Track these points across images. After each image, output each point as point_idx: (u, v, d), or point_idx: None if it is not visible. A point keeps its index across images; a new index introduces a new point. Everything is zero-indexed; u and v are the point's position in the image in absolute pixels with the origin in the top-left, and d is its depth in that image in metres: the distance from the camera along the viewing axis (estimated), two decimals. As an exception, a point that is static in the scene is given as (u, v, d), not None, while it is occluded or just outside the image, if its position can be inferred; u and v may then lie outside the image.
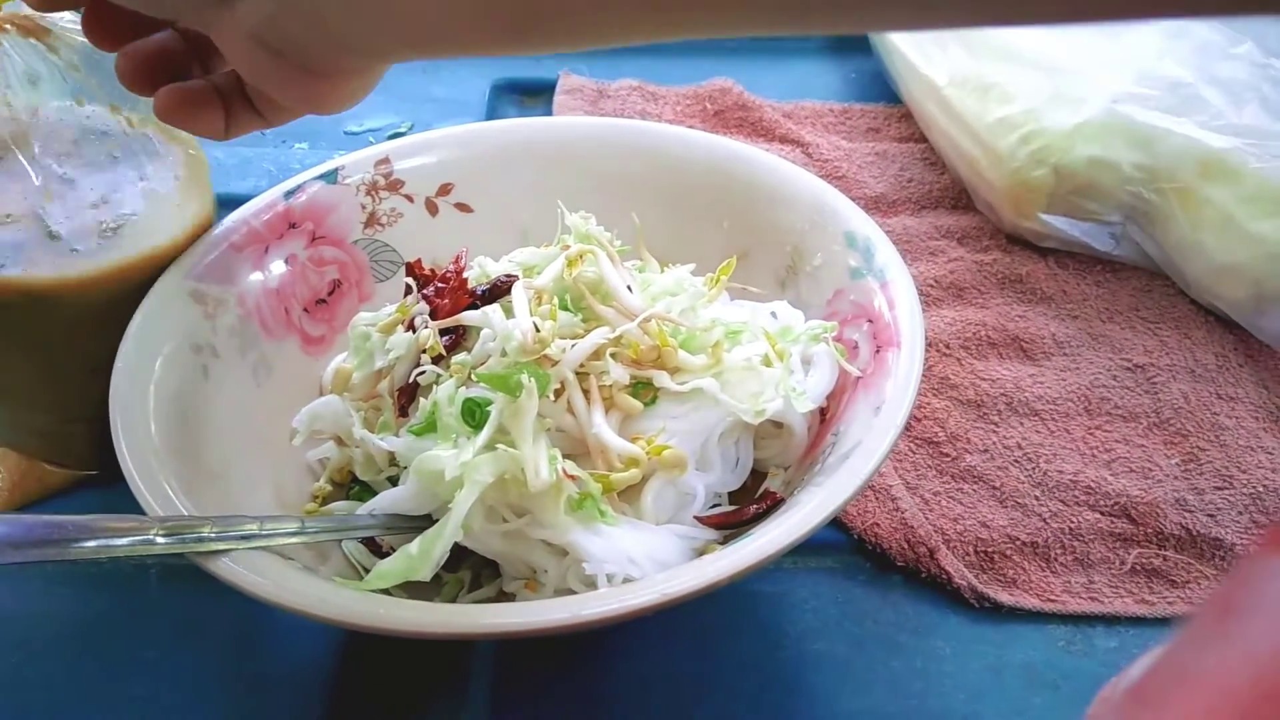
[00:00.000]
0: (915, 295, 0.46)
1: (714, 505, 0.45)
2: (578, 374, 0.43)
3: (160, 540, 0.36)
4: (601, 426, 0.43)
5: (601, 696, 0.44)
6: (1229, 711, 0.18)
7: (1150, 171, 0.60)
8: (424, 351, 0.46)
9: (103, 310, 0.45)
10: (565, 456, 0.42)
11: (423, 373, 0.45)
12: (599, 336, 0.44)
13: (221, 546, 0.37)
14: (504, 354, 0.43)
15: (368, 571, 0.43)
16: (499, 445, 0.40)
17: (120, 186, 0.47)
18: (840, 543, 0.49)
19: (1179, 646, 0.22)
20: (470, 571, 0.45)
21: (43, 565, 0.46)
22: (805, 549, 0.37)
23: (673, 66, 0.84)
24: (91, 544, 0.36)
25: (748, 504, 0.44)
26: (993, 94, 0.65)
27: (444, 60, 0.86)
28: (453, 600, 0.44)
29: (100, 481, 0.51)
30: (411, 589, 0.41)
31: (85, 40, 0.45)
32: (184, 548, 0.36)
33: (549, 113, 0.78)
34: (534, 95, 0.82)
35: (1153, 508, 0.49)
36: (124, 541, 0.36)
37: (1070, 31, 0.66)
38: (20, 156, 0.45)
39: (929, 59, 0.71)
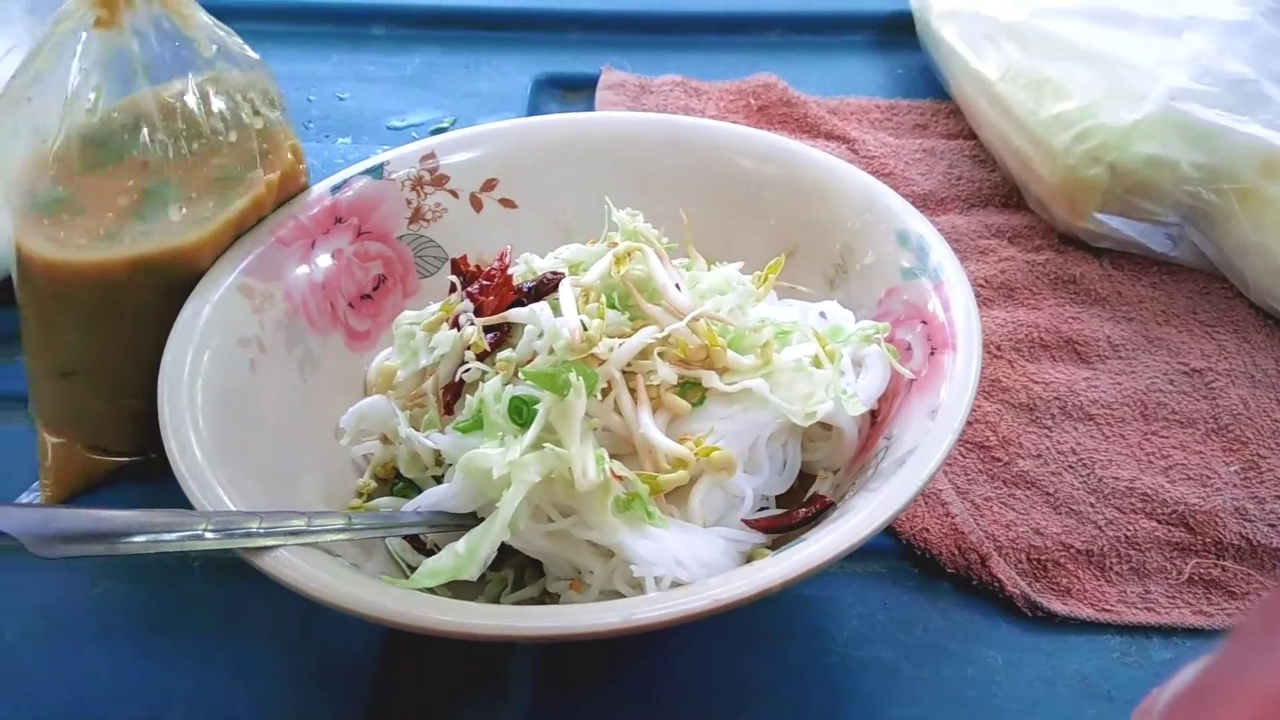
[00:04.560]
0: (971, 296, 0.45)
1: (762, 508, 0.45)
2: (625, 373, 0.43)
3: (209, 535, 0.36)
4: (649, 427, 0.42)
5: (644, 698, 0.43)
6: None
7: (1210, 171, 0.58)
8: (468, 348, 0.45)
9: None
10: (612, 456, 0.41)
11: (468, 370, 0.45)
12: (647, 335, 0.43)
13: (270, 542, 0.36)
14: (551, 352, 0.42)
15: (411, 568, 0.43)
16: (546, 444, 0.40)
17: (226, 175, 0.48)
18: (888, 547, 0.48)
19: (1223, 658, 0.21)
20: (513, 570, 0.44)
21: (89, 558, 0.47)
22: (853, 553, 0.36)
23: (715, 62, 0.83)
24: (141, 539, 0.36)
25: (796, 508, 0.44)
26: (1047, 90, 0.64)
27: (486, 55, 0.85)
28: (495, 599, 0.44)
29: (143, 474, 0.51)
30: (454, 587, 0.41)
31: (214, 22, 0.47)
32: (233, 543, 0.36)
33: (591, 108, 0.78)
34: (575, 90, 0.82)
35: (1211, 516, 0.48)
36: (173, 536, 0.36)
37: (1128, 27, 0.65)
38: (144, 133, 0.46)
39: (980, 54, 0.70)
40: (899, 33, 0.84)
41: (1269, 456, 0.51)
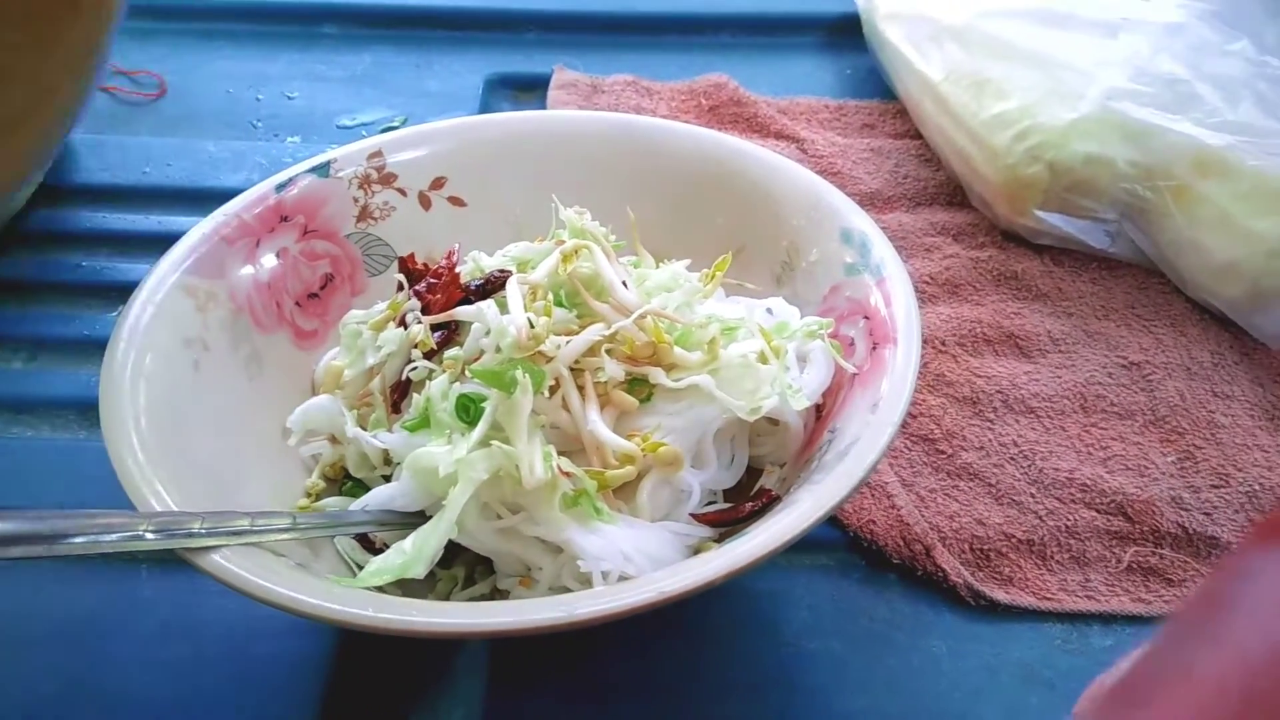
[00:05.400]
0: (912, 292, 0.45)
1: (709, 503, 0.45)
2: (573, 370, 0.43)
3: (150, 536, 0.36)
4: (597, 423, 0.42)
5: (596, 694, 0.43)
6: (1221, 713, 0.18)
7: (1146, 168, 0.60)
8: (415, 347, 0.45)
9: None
10: (560, 453, 0.41)
11: (415, 368, 0.45)
12: (594, 332, 0.44)
13: (212, 542, 0.36)
14: (498, 350, 0.43)
15: (360, 568, 0.42)
16: (493, 442, 0.40)
17: None
18: (836, 540, 0.49)
19: (1165, 644, 0.22)
20: (464, 568, 0.44)
21: (31, 561, 0.46)
22: (800, 546, 0.37)
23: (667, 62, 0.84)
24: (80, 540, 0.35)
25: (743, 502, 0.44)
26: (988, 90, 0.65)
27: (438, 54, 0.85)
28: (446, 597, 0.44)
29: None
30: (404, 585, 0.41)
31: None
32: (174, 543, 0.36)
33: (543, 108, 0.78)
34: (528, 90, 0.82)
35: (1149, 506, 0.49)
36: (113, 537, 0.36)
37: (1066, 28, 0.66)
38: None
39: (924, 55, 0.71)
40: (847, 34, 0.85)
41: (1204, 447, 0.52)
